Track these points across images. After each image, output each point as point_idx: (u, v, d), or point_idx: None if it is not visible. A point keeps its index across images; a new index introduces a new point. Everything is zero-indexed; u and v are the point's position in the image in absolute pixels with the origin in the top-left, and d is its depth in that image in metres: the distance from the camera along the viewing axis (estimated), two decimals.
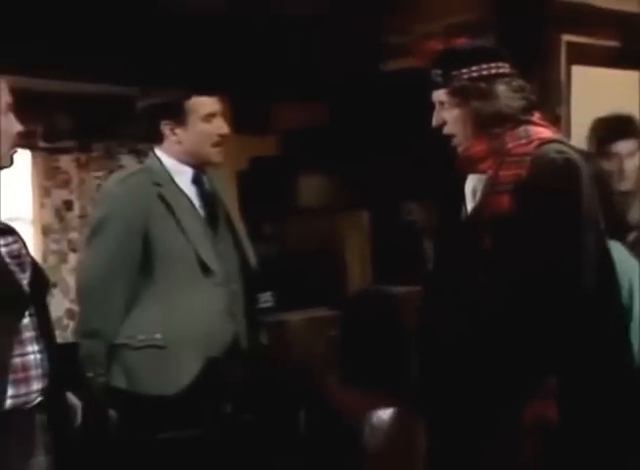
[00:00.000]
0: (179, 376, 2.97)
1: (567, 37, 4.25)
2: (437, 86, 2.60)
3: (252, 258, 3.22)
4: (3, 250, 2.44)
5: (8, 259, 2.42)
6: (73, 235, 5.12)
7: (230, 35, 4.74)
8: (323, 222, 5.45)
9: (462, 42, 2.68)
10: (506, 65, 2.59)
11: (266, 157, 5.20)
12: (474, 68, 2.55)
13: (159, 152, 3.13)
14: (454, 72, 2.56)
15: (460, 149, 2.63)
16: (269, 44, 4.75)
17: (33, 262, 2.52)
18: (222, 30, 4.70)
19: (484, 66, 2.56)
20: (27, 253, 2.51)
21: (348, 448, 3.91)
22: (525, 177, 2.45)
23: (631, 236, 3.15)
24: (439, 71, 2.59)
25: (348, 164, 5.22)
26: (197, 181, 3.14)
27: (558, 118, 4.13)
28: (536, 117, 2.63)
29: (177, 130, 3.07)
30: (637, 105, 3.53)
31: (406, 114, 4.06)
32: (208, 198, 3.16)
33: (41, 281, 2.54)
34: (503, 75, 2.56)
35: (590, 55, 4.29)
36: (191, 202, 3.11)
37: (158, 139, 3.12)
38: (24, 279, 2.43)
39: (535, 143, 2.51)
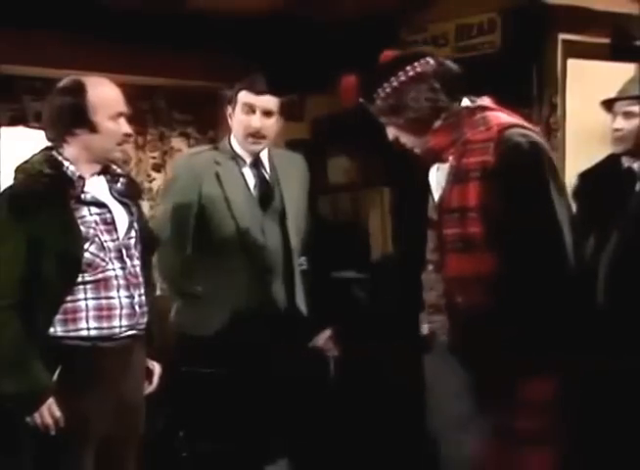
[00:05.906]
0: (208, 322, 3.30)
1: (563, 36, 4.42)
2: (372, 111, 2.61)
3: (295, 236, 3.39)
4: (93, 218, 2.71)
5: (100, 226, 2.70)
6: None
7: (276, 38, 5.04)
8: (349, 197, 5.76)
9: (371, 68, 2.63)
10: (417, 63, 2.53)
11: (300, 139, 5.39)
12: (379, 89, 2.54)
13: (232, 136, 3.37)
14: (373, 97, 2.57)
15: (417, 151, 2.61)
16: (303, 48, 5.13)
17: (141, 227, 2.86)
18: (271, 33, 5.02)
19: (390, 81, 2.53)
20: (133, 219, 2.82)
21: (370, 391, 4.39)
22: (493, 162, 2.41)
23: None
24: (364, 101, 2.61)
25: (371, 146, 5.16)
26: (255, 165, 3.35)
27: (554, 107, 4.36)
28: (490, 102, 2.58)
29: (232, 118, 3.34)
30: None
31: None
32: (264, 180, 3.36)
33: (145, 242, 2.87)
34: (413, 79, 2.52)
35: (583, 50, 4.42)
36: (245, 182, 3.34)
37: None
38: (109, 241, 2.72)
39: (495, 129, 2.45)
